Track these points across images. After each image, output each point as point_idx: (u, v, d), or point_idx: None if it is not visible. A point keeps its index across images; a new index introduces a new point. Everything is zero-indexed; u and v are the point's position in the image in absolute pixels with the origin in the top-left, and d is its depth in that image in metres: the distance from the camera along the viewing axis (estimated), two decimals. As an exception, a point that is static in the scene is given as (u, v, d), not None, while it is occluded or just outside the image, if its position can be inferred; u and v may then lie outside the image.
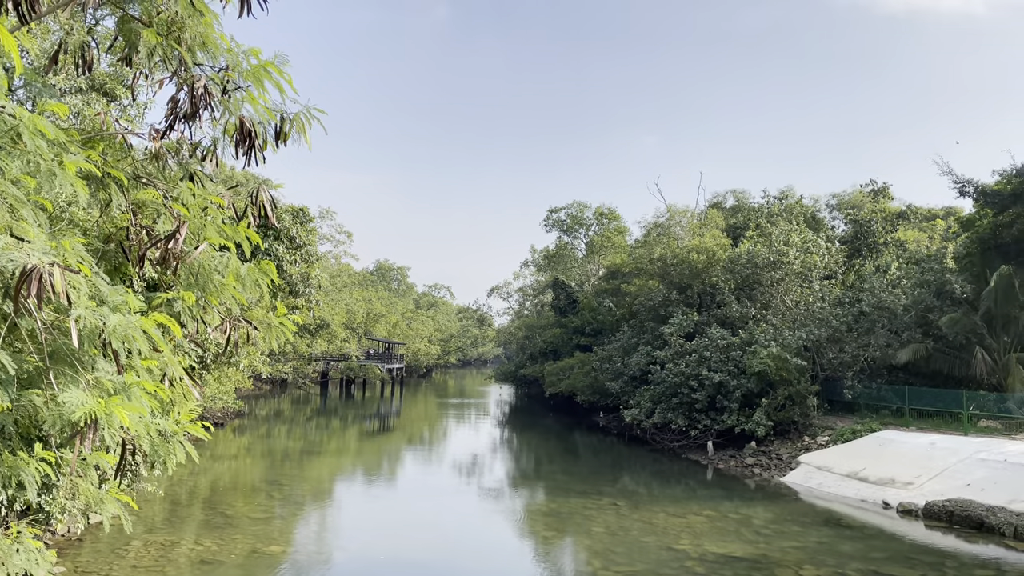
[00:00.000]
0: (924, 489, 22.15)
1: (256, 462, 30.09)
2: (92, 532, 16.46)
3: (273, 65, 8.38)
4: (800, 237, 40.24)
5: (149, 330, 6.77)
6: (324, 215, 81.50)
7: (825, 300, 38.03)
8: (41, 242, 6.45)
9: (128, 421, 6.52)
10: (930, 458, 23.97)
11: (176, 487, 22.89)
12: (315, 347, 67.45)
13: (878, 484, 23.57)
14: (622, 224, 74.38)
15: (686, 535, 18.52)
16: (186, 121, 8.03)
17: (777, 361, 31.32)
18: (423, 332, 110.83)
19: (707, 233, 44.01)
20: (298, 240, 31.23)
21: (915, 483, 22.72)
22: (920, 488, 22.32)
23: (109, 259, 8.73)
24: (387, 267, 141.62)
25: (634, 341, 42.57)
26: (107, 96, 22.89)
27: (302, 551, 17.02)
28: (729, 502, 22.83)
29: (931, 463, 23.61)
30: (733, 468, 29.39)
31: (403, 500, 24.49)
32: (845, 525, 20.20)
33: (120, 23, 8.32)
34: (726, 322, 38.12)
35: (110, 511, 7.94)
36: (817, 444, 29.77)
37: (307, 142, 8.56)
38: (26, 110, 6.70)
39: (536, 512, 22.14)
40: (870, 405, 33.04)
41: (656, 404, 35.75)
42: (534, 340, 64.91)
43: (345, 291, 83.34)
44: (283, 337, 9.09)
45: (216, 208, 8.65)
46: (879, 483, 23.61)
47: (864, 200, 51.85)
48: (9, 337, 7.14)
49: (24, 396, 7.17)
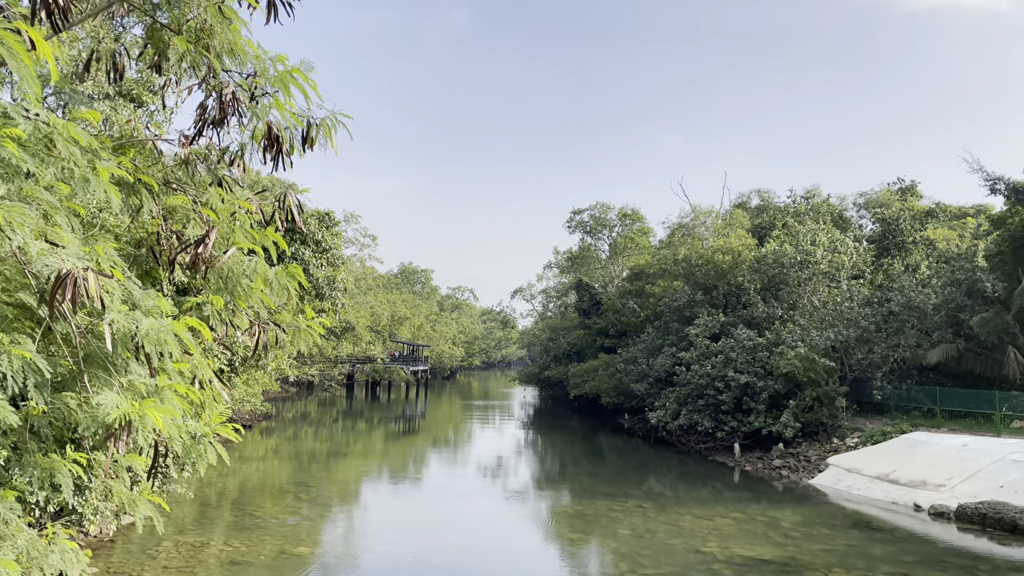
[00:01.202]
0: (956, 491, 21.80)
1: (283, 464, 30.33)
2: (123, 533, 16.69)
3: (299, 71, 8.45)
4: (827, 236, 39.82)
5: (180, 334, 6.86)
6: (349, 219, 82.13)
7: (853, 300, 37.58)
8: (75, 247, 6.55)
9: (161, 423, 6.61)
10: (962, 460, 23.59)
11: (205, 488, 23.13)
12: (341, 350, 67.92)
13: (909, 486, 23.24)
14: (646, 225, 74.05)
15: (713, 538, 18.38)
16: (215, 127, 8.13)
17: (805, 362, 31.00)
18: (447, 334, 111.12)
19: (732, 233, 43.70)
20: (324, 244, 31.46)
21: (947, 485, 22.37)
22: (952, 490, 21.97)
23: (140, 264, 8.86)
24: (411, 270, 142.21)
25: (659, 342, 42.36)
26: (134, 102, 23.22)
27: (330, 553, 17.12)
28: (757, 504, 22.62)
29: (963, 465, 23.23)
30: (760, 470, 29.13)
31: (429, 502, 24.55)
32: (875, 528, 19.94)
33: (149, 31, 8.45)
34: (752, 323, 37.81)
35: (143, 512, 8.05)
36: (846, 446, 29.42)
37: (333, 147, 8.63)
38: (58, 117, 6.81)
39: (561, 514, 22.09)
40: (900, 406, 32.59)
41: (682, 406, 35.54)
42: (558, 342, 64.84)
43: (370, 294, 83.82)
44: (311, 340, 9.16)
45: (244, 213, 8.74)
46: (910, 485, 23.28)
47: (892, 198, 51.21)
48: (44, 341, 7.27)
49: (58, 399, 7.29)
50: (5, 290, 6.94)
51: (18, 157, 6.21)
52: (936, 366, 33.03)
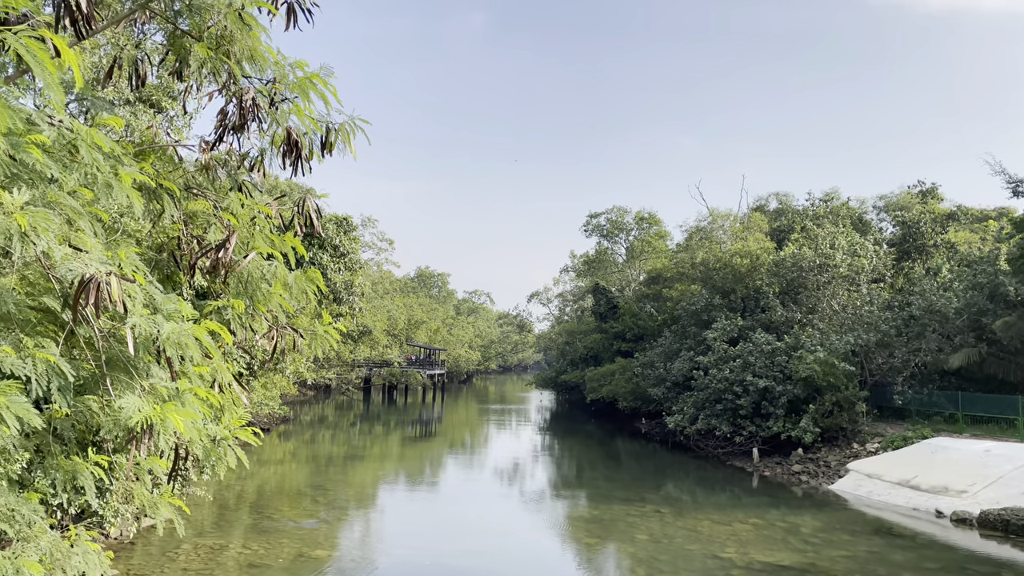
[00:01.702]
0: (979, 497, 21.54)
1: (301, 467, 30.46)
2: (143, 535, 16.82)
3: (318, 77, 8.51)
4: (847, 240, 39.48)
5: (201, 337, 6.92)
6: (366, 223, 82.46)
7: (873, 304, 37.23)
8: (98, 252, 6.63)
9: (182, 427, 6.66)
10: (985, 465, 23.30)
11: (224, 491, 23.28)
12: (358, 353, 68.13)
13: (931, 492, 22.99)
14: (663, 228, 73.72)
15: (732, 543, 18.26)
16: (235, 132, 8.20)
17: (824, 366, 30.76)
18: (463, 338, 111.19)
19: (750, 237, 43.47)
20: (342, 249, 31.61)
21: (969, 491, 22.10)
22: (975, 496, 21.70)
23: (162, 268, 8.94)
24: (428, 274, 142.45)
25: (676, 346, 42.18)
26: (154, 108, 23.46)
27: (347, 556, 17.18)
28: (776, 510, 22.46)
29: (986, 470, 22.95)
30: (779, 475, 28.92)
31: (446, 505, 24.57)
32: (896, 534, 19.73)
33: (170, 38, 8.54)
34: (771, 327, 37.56)
35: (163, 515, 8.12)
36: (867, 451, 29.15)
37: (352, 152, 8.68)
38: (81, 124, 6.89)
39: (579, 519, 22.04)
40: (921, 411, 32.25)
41: (700, 410, 35.36)
42: (575, 346, 64.71)
43: (387, 298, 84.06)
44: (328, 345, 9.20)
45: (264, 218, 8.80)
46: (932, 491, 23.03)
47: (912, 201, 50.75)
48: (67, 344, 7.35)
49: (81, 402, 7.37)
50: (30, 294, 7.03)
51: (42, 163, 6.29)
52: (958, 371, 32.65)
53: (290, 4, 8.82)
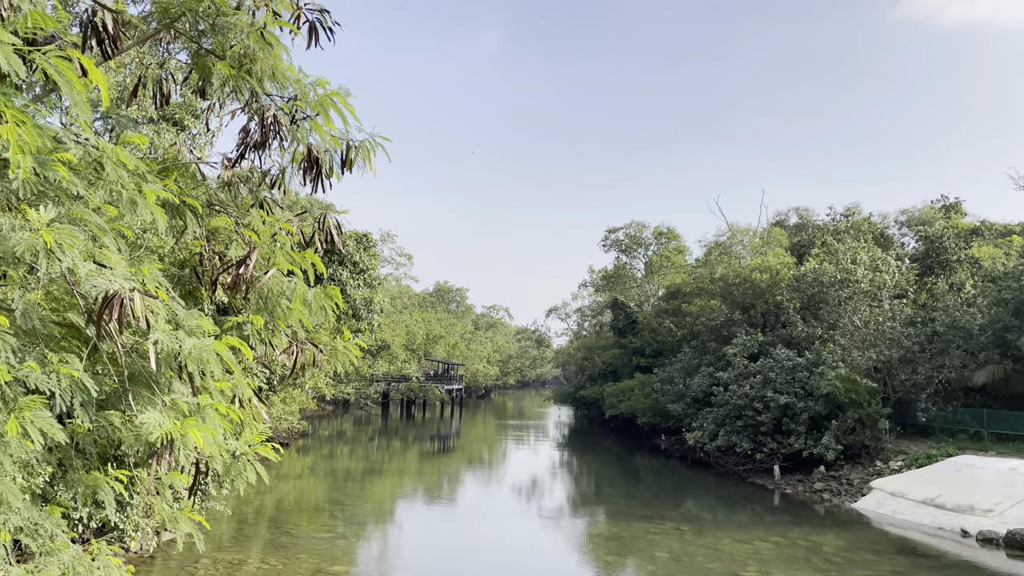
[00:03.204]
0: (1006, 516, 21.15)
1: (320, 482, 30.51)
2: (163, 550, 16.89)
3: (339, 95, 8.59)
4: (868, 255, 39.13)
5: (222, 353, 6.96)
6: (385, 238, 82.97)
7: (896, 320, 36.81)
8: (122, 268, 6.70)
9: (202, 442, 6.69)
10: (1011, 484, 22.90)
11: (243, 506, 23.34)
12: (376, 368, 68.31)
13: (956, 511, 22.61)
14: (682, 244, 73.50)
15: (753, 562, 18.04)
16: (256, 150, 8.29)
17: (846, 383, 30.42)
18: (482, 353, 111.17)
19: (770, 252, 43.22)
20: (361, 265, 31.77)
21: (996, 510, 21.71)
22: (1001, 515, 21.32)
23: (184, 284, 9.03)
24: (446, 289, 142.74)
25: (696, 362, 41.92)
26: (177, 126, 23.79)
27: (365, 572, 17.16)
28: (798, 528, 22.18)
29: (1012, 489, 22.55)
30: (801, 493, 28.58)
31: (464, 522, 24.49)
32: (921, 554, 19.42)
33: (194, 57, 8.66)
34: (791, 342, 37.24)
35: (183, 529, 8.14)
36: (890, 469, 28.75)
37: (372, 169, 8.74)
38: (107, 142, 7.00)
39: (597, 536, 21.88)
40: (946, 429, 31.79)
41: (720, 426, 35.07)
42: (593, 361, 64.52)
43: (405, 313, 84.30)
44: (348, 360, 9.24)
45: (285, 234, 8.88)
46: (957, 510, 22.65)
47: (935, 216, 50.27)
48: (90, 360, 7.42)
49: (103, 417, 7.43)
50: (55, 310, 7.12)
51: (68, 180, 6.39)
52: (983, 387, 32.18)
53: (312, 23, 8.94)
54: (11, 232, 6.23)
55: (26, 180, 6.02)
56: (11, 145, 5.72)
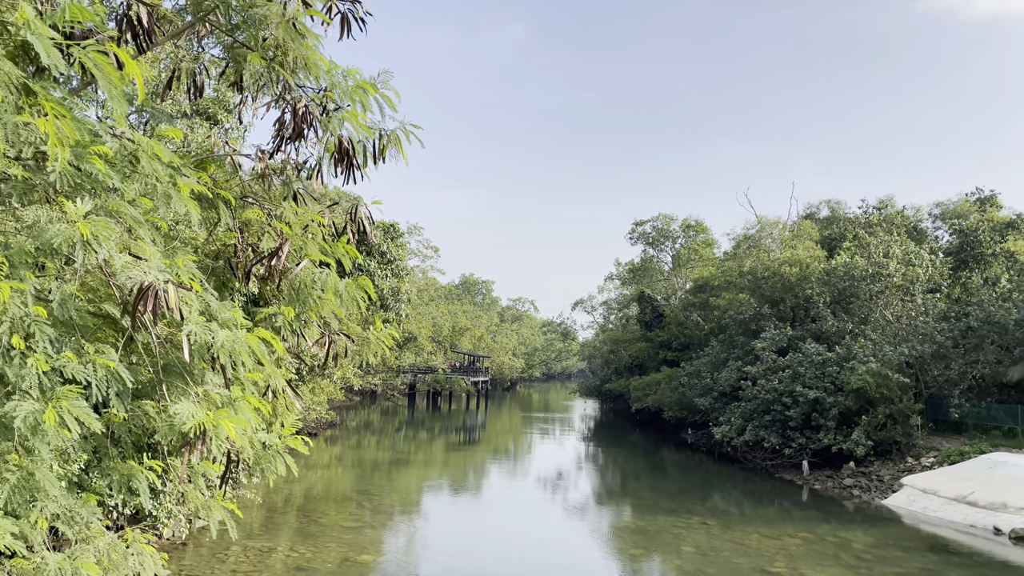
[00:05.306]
0: (1042, 516, 20.77)
1: (347, 471, 30.75)
2: (195, 537, 17.13)
3: (370, 85, 8.58)
4: (901, 248, 38.50)
5: (254, 345, 7.01)
6: (412, 231, 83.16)
7: (929, 314, 36.22)
8: (156, 260, 6.77)
9: (233, 433, 6.75)
10: (1048, 483, 22.48)
11: (272, 495, 23.60)
12: (403, 360, 68.67)
13: (988, 509, 22.25)
14: (710, 236, 72.89)
15: (781, 558, 17.89)
16: (291, 142, 8.32)
17: (877, 378, 30.00)
18: (507, 345, 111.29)
19: (800, 245, 42.68)
20: (389, 255, 31.90)
21: (1031, 510, 21.32)
22: (1037, 515, 20.93)
23: (218, 275, 9.11)
24: (472, 281, 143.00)
25: (723, 356, 41.59)
26: (210, 120, 24.01)
27: (392, 561, 17.26)
28: (826, 524, 21.95)
29: (1049, 489, 22.14)
30: (830, 489, 28.27)
31: (490, 513, 24.55)
32: (952, 551, 19.13)
33: (227, 49, 8.71)
34: (821, 337, 36.79)
35: (216, 517, 8.24)
36: (921, 466, 28.34)
37: (404, 158, 8.73)
38: (142, 135, 7.06)
39: (623, 529, 21.82)
40: (979, 425, 31.25)
41: (747, 421, 34.79)
42: (619, 354, 64.24)
43: (432, 305, 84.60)
44: (381, 350, 9.27)
45: (316, 226, 8.91)
46: (989, 508, 22.28)
47: (970, 209, 49.25)
48: (125, 350, 7.51)
49: (138, 406, 7.53)
50: (91, 301, 7.22)
51: (104, 173, 6.45)
52: (1018, 383, 31.58)
53: (343, 14, 8.94)
54: (49, 224, 6.32)
55: (63, 172, 6.08)
56: (50, 137, 5.78)
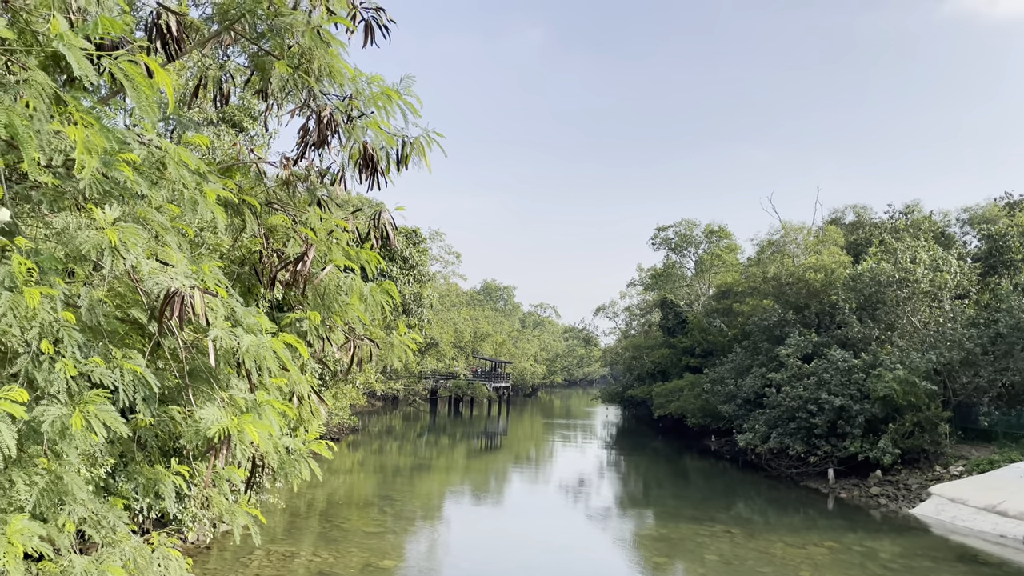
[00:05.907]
0: (1075, 528, 20.36)
1: (369, 477, 30.84)
2: (219, 541, 17.25)
3: (394, 92, 8.61)
4: (928, 254, 37.98)
5: (279, 350, 7.04)
6: (434, 236, 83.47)
7: (957, 321, 35.66)
8: (183, 266, 6.82)
9: (258, 438, 6.78)
10: (1081, 494, 22.04)
11: (295, 499, 23.72)
12: (425, 365, 68.85)
13: (1019, 518, 21.84)
14: (733, 242, 72.39)
15: (806, 567, 17.68)
16: (315, 148, 8.37)
17: (904, 385, 29.59)
18: (529, 351, 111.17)
19: (825, 250, 42.26)
20: (411, 261, 32.01)
21: (1064, 521, 20.91)
22: (1070, 526, 20.52)
23: (243, 281, 9.18)
24: (493, 287, 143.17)
25: (747, 363, 41.25)
26: (236, 127, 24.27)
27: (414, 567, 17.27)
28: (853, 534, 21.66)
29: (1082, 499, 21.70)
30: (856, 498, 27.91)
31: (511, 519, 24.50)
32: (982, 562, 18.80)
33: (253, 57, 8.79)
34: (847, 343, 36.37)
35: (240, 522, 8.27)
36: (950, 475, 27.90)
37: (427, 165, 8.76)
38: (169, 142, 7.14)
39: (646, 537, 21.68)
40: (1009, 433, 30.70)
41: (772, 428, 34.44)
42: (641, 361, 63.94)
43: (453, 310, 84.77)
44: (405, 355, 9.29)
45: (341, 231, 8.95)
46: (1020, 517, 21.87)
47: (999, 214, 48.51)
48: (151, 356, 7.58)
49: (164, 411, 7.59)
50: (118, 306, 7.29)
51: (132, 180, 6.52)
52: (1049, 392, 31.02)
53: (367, 22, 8.99)
54: (78, 231, 6.39)
55: (92, 180, 6.15)
56: (78, 145, 5.86)
